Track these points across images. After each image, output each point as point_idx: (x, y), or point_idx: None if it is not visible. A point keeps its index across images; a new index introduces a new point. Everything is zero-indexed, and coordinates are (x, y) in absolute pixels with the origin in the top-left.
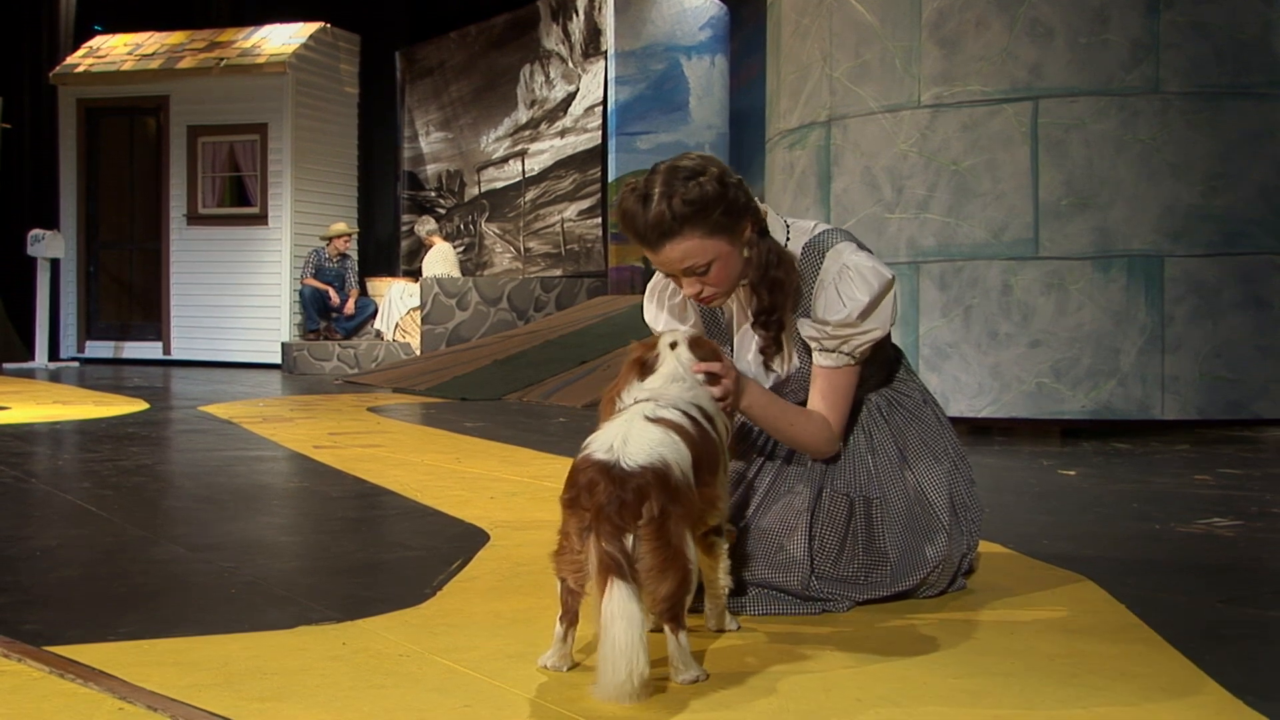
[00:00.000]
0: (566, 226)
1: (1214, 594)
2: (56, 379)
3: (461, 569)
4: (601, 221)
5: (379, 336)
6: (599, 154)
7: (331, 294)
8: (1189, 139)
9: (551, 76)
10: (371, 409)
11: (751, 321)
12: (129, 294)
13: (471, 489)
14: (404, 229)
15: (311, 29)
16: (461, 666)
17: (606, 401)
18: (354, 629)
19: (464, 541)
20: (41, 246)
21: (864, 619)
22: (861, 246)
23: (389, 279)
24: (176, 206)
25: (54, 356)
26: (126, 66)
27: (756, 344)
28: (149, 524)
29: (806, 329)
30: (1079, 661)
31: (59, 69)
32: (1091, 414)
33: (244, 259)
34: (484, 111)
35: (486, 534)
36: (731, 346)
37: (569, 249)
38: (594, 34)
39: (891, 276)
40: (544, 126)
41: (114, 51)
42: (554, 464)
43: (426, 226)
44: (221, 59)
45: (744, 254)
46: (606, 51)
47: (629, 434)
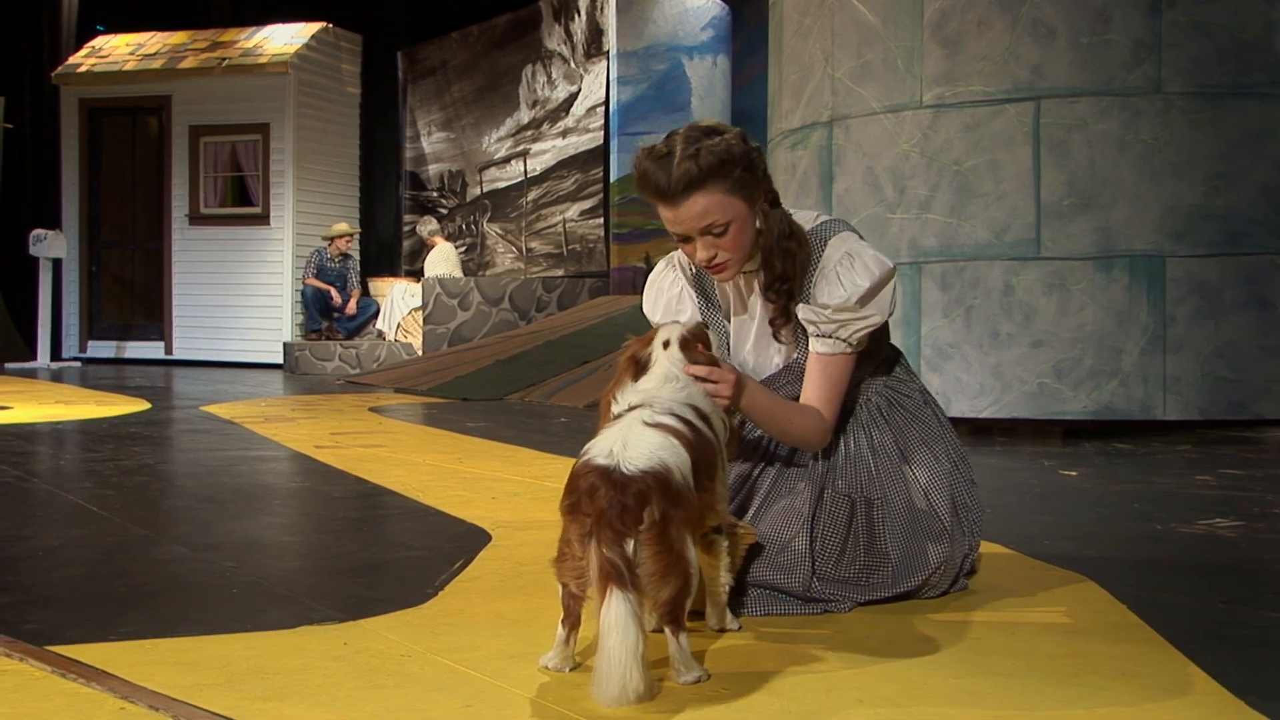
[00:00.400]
0: (568, 226)
1: (1215, 594)
2: (58, 379)
3: (463, 569)
4: (603, 221)
5: (381, 336)
6: (601, 154)
7: (333, 294)
8: (1191, 139)
9: (553, 76)
10: (373, 409)
11: (762, 289)
12: (131, 294)
13: (473, 489)
14: (406, 229)
15: (313, 29)
16: (463, 666)
17: (604, 404)
18: (356, 629)
19: (466, 542)
20: (44, 246)
21: (865, 619)
22: (862, 239)
23: (391, 279)
24: (179, 206)
25: (56, 356)
26: (129, 66)
27: (763, 315)
28: (151, 524)
29: (805, 313)
30: (1080, 662)
31: (61, 69)
32: (1093, 414)
33: (246, 259)
34: (486, 111)
35: (488, 534)
36: (728, 339)
37: (571, 249)
38: (596, 34)
39: (892, 266)
40: (546, 126)
41: (116, 51)
42: (556, 464)
43: (428, 227)
44: (223, 59)
45: (757, 225)
46: (608, 51)
47: (628, 439)
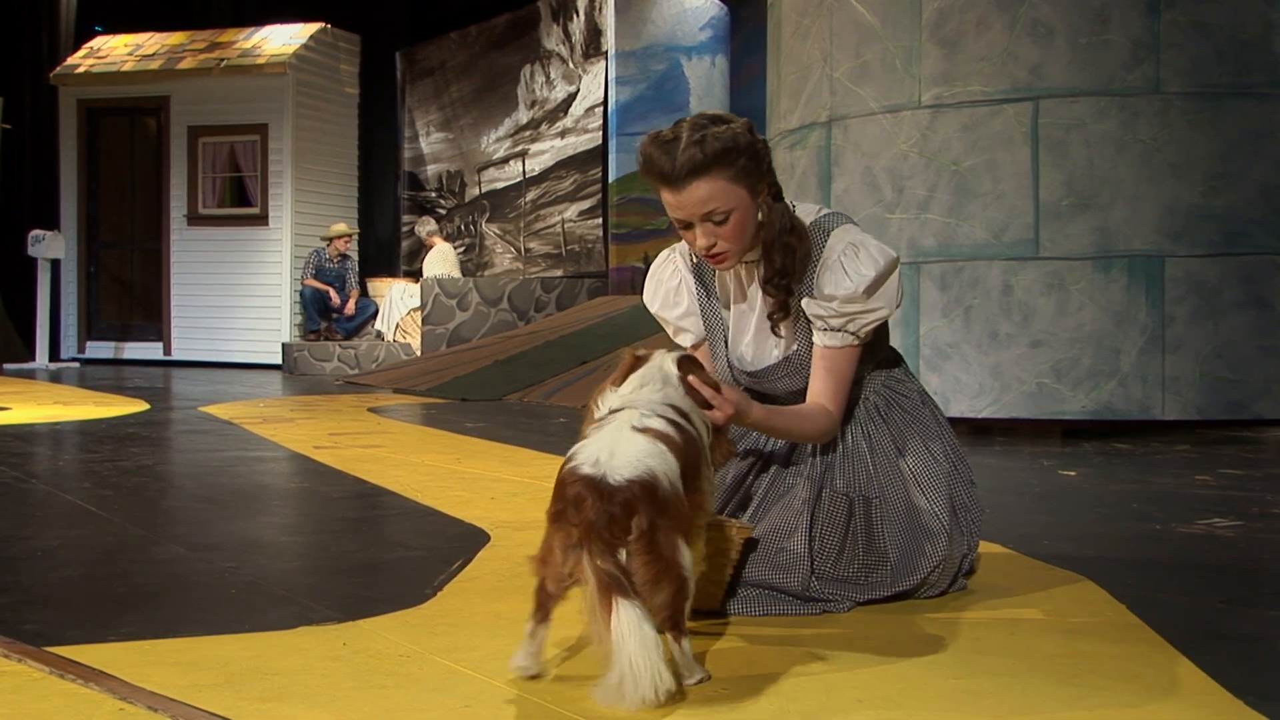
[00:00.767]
0: (567, 227)
1: (1214, 594)
2: (57, 379)
3: (462, 569)
4: (602, 222)
5: (379, 337)
6: (599, 154)
7: (332, 294)
8: (1190, 139)
9: (552, 77)
10: (372, 409)
11: (761, 282)
12: (129, 294)
13: (472, 489)
14: (404, 229)
15: (312, 29)
16: (462, 667)
17: (588, 409)
18: (355, 629)
19: (465, 542)
20: (42, 247)
21: (864, 619)
22: (864, 232)
23: (389, 279)
24: (177, 207)
25: (54, 357)
26: (127, 67)
27: (763, 308)
28: (149, 524)
29: (812, 307)
30: (1080, 662)
31: (59, 69)
32: (1092, 414)
33: (244, 259)
34: (484, 112)
35: (487, 534)
36: (725, 332)
37: (569, 249)
38: (594, 34)
39: (896, 256)
40: (544, 127)
41: (114, 52)
42: (554, 464)
43: (427, 227)
44: (222, 59)
45: (759, 217)
46: (607, 52)
47: (616, 446)
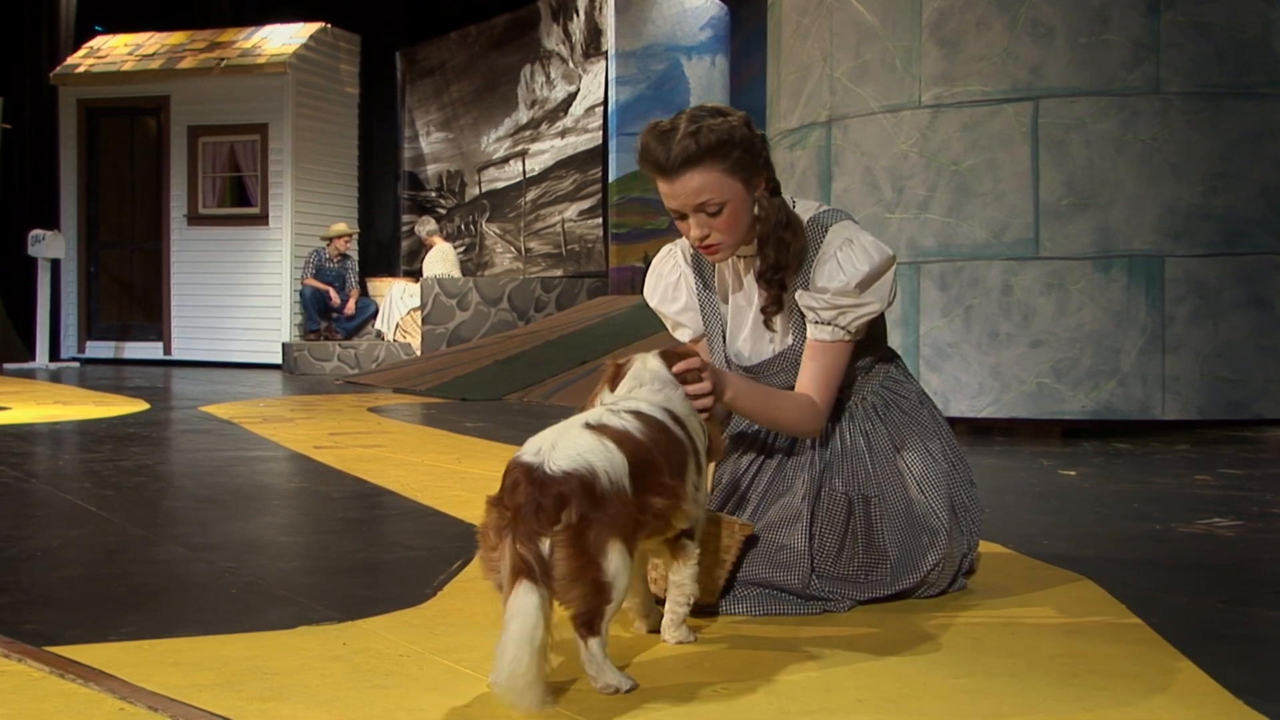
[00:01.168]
0: (567, 227)
1: (1214, 594)
2: (57, 379)
3: (462, 569)
4: (602, 222)
5: (379, 337)
6: (599, 154)
7: (332, 294)
8: (1190, 139)
9: (552, 77)
10: (372, 409)
11: (756, 276)
12: (129, 294)
13: (472, 489)
14: (404, 229)
15: (312, 29)
16: (462, 667)
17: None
18: (354, 629)
19: (464, 542)
20: (42, 247)
21: (864, 619)
22: (862, 229)
23: (389, 279)
24: (177, 207)
25: (54, 357)
26: (127, 67)
27: (758, 302)
28: (149, 524)
29: (805, 299)
30: (1080, 661)
31: (59, 69)
32: (1092, 414)
33: (244, 259)
34: (484, 112)
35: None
36: (723, 327)
37: (569, 249)
38: (594, 34)
39: (892, 254)
40: (544, 127)
41: (114, 52)
42: None
43: (427, 227)
44: (222, 59)
45: (755, 211)
46: (607, 52)
47: (559, 439)
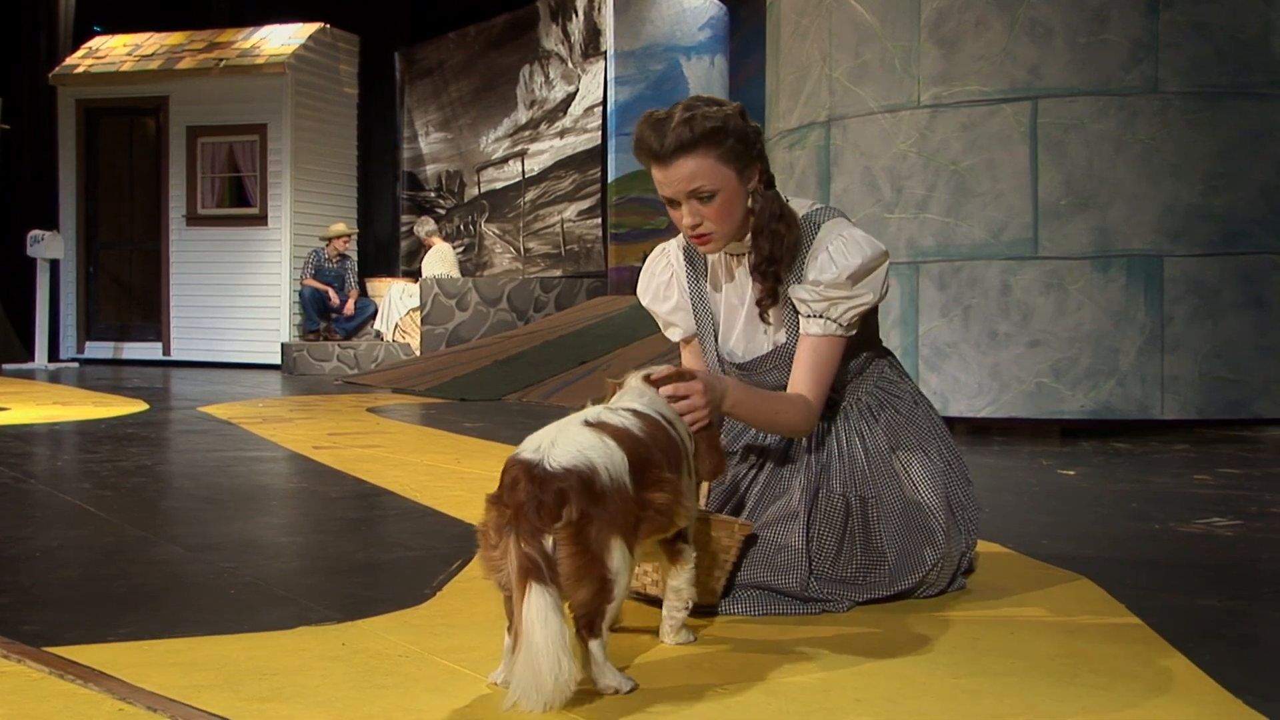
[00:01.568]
0: (566, 227)
1: (1213, 594)
2: (56, 380)
3: (461, 569)
4: (601, 222)
5: (378, 337)
6: (598, 154)
7: (331, 294)
8: (1189, 139)
9: (551, 77)
10: (371, 409)
11: (750, 269)
12: (128, 295)
13: (471, 489)
14: (403, 229)
15: (311, 29)
16: (461, 667)
17: None
18: (353, 629)
19: (464, 542)
20: (41, 247)
21: (863, 619)
22: (855, 226)
23: (388, 279)
24: (176, 207)
25: (53, 357)
26: (126, 67)
27: (751, 297)
28: (148, 524)
29: (798, 292)
30: (1078, 661)
31: (58, 69)
32: (1091, 414)
33: (243, 259)
34: (483, 112)
35: None
36: (715, 325)
37: (569, 249)
38: (593, 34)
39: (885, 249)
40: (543, 127)
41: (113, 52)
42: None
43: (426, 227)
44: (221, 59)
45: (748, 203)
46: (606, 52)
47: (558, 436)
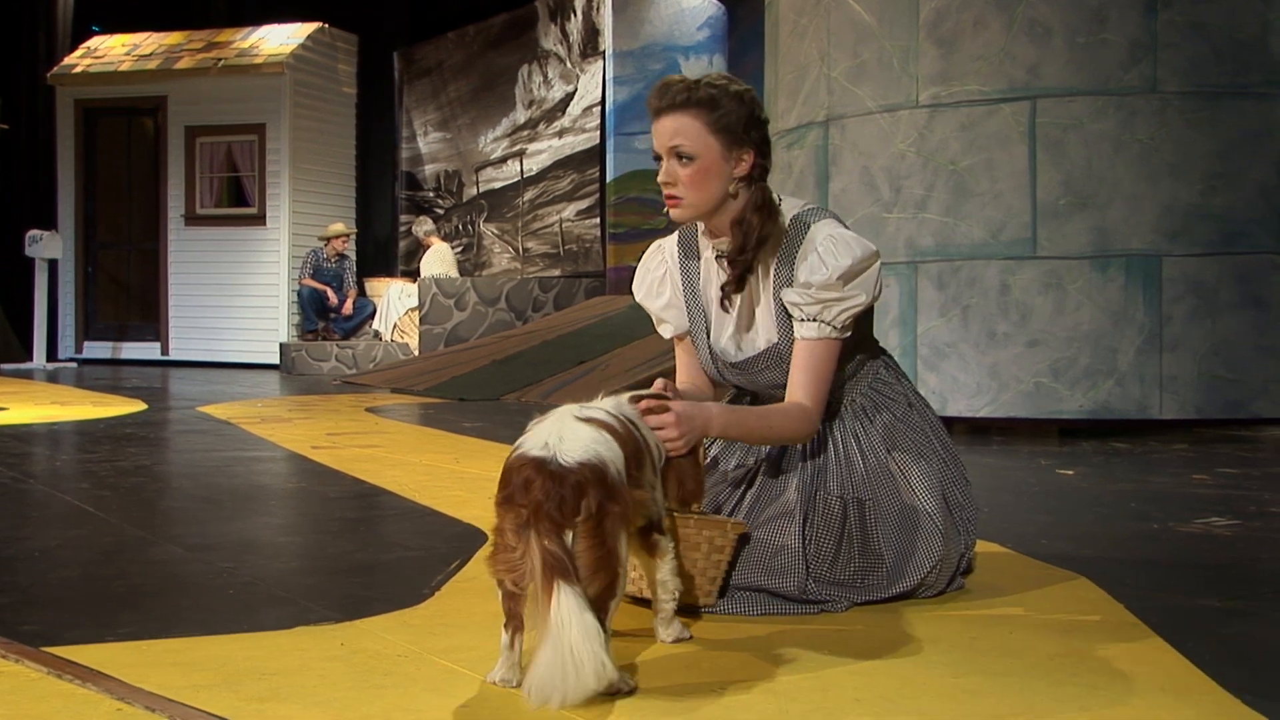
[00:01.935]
0: (565, 227)
1: (1213, 593)
2: (54, 379)
3: (460, 569)
4: (600, 222)
5: (377, 337)
6: (597, 154)
7: (329, 294)
8: (1187, 139)
9: (549, 77)
10: (370, 409)
11: (718, 255)
12: (127, 294)
13: (470, 489)
14: (402, 229)
15: (309, 29)
16: (460, 667)
17: None
18: (352, 629)
19: (462, 542)
20: (39, 247)
21: (862, 619)
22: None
23: (387, 279)
24: (174, 207)
25: (52, 357)
26: (124, 67)
27: (744, 300)
28: (147, 524)
29: (789, 295)
30: (1078, 661)
31: (57, 69)
32: (1090, 413)
33: (242, 259)
34: (482, 112)
35: (485, 534)
36: (707, 324)
37: (567, 249)
38: (592, 34)
39: (876, 250)
40: (542, 127)
41: (112, 52)
42: None
43: (424, 227)
44: (219, 59)
45: (730, 188)
46: (604, 51)
47: (563, 432)
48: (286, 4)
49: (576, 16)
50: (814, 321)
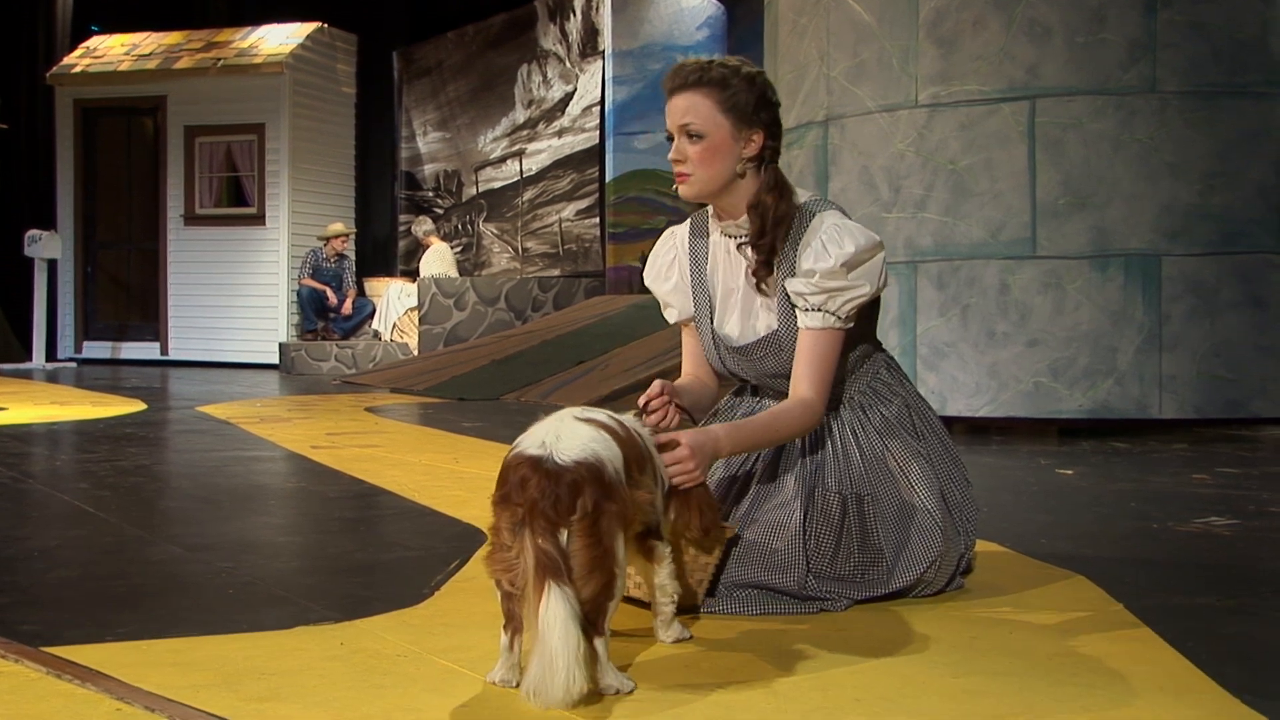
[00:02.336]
0: (564, 226)
1: (1212, 593)
2: (54, 379)
3: (459, 569)
4: (599, 221)
5: (376, 337)
6: (596, 154)
7: (329, 294)
8: (1187, 138)
9: (549, 76)
10: (369, 409)
11: (742, 242)
12: (126, 294)
13: (469, 489)
14: (401, 229)
15: (309, 29)
16: (459, 666)
17: None
18: (352, 629)
19: (462, 541)
20: (39, 247)
21: (862, 618)
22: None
23: (386, 279)
24: (174, 207)
25: (51, 357)
26: (123, 67)
27: (748, 285)
28: (147, 524)
29: (794, 284)
30: (1077, 661)
31: (56, 69)
32: (1089, 413)
33: (241, 259)
34: (481, 111)
35: (484, 534)
36: (713, 309)
37: (567, 249)
38: (591, 34)
39: (880, 240)
40: (541, 126)
41: (111, 52)
42: None
43: (424, 226)
44: (219, 59)
45: (738, 168)
46: (604, 51)
47: (561, 431)
48: (286, 4)
49: (576, 16)
50: (818, 311)
